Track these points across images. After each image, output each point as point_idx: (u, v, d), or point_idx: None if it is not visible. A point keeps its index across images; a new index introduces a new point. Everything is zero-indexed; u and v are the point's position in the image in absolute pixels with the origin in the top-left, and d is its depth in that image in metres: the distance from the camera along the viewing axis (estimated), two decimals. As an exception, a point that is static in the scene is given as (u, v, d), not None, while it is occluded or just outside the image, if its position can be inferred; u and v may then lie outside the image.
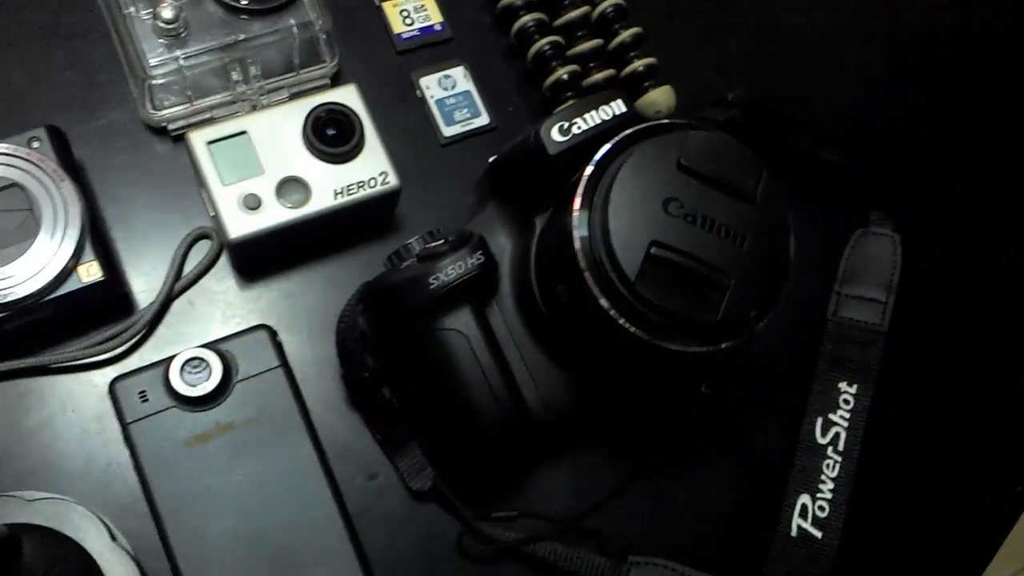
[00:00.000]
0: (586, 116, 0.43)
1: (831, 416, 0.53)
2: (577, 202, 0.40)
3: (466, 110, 0.56)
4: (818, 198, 0.57)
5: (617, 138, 0.40)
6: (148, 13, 0.48)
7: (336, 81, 0.54)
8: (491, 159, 0.50)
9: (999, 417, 0.56)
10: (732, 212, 0.39)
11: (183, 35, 0.49)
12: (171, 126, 0.51)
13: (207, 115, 0.51)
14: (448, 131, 0.56)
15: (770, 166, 0.41)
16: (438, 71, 0.57)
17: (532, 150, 0.43)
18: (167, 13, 0.47)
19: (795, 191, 0.43)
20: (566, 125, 0.43)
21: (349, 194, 0.49)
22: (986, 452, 0.56)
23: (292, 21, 0.50)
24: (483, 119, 0.56)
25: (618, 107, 0.43)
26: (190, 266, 0.50)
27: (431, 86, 0.56)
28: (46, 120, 0.48)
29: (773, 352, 0.54)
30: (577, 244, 0.40)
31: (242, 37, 0.49)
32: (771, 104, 0.59)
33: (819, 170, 0.58)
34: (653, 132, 0.41)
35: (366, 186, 0.49)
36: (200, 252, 0.50)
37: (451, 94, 0.56)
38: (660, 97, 0.56)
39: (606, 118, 0.43)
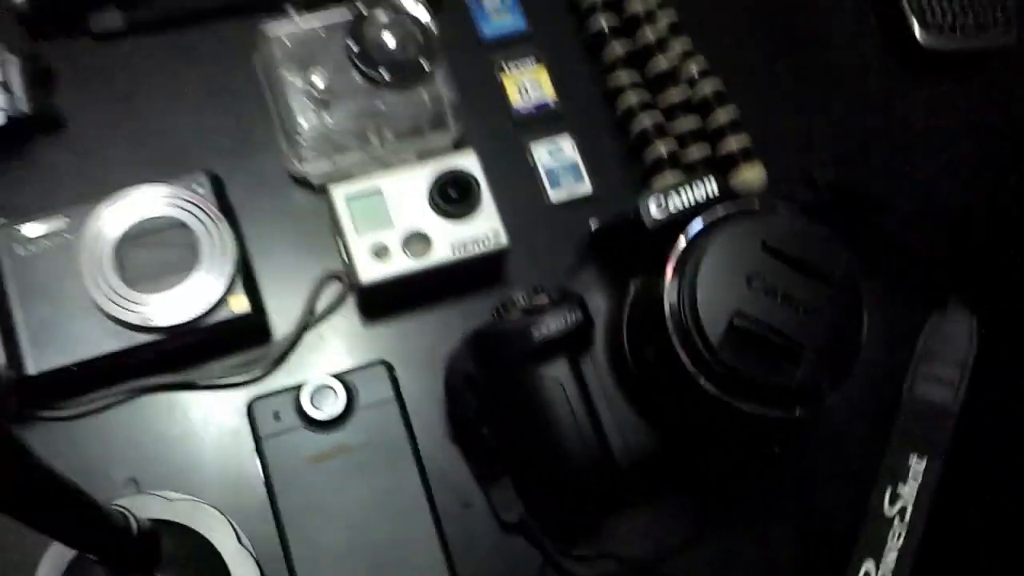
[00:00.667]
0: (682, 194, 0.48)
1: (900, 487, 0.56)
2: (669, 272, 0.45)
3: (571, 177, 0.62)
4: (898, 277, 0.61)
5: (709, 217, 0.45)
6: (302, 79, 0.56)
7: (458, 145, 0.61)
8: (592, 225, 0.56)
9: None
10: (810, 291, 0.44)
11: (330, 101, 0.56)
12: (313, 178, 0.58)
13: (344, 169, 0.58)
14: (554, 196, 0.61)
15: (852, 245, 0.46)
16: (548, 141, 0.63)
17: (631, 221, 0.48)
18: (319, 82, 0.54)
19: (876, 269, 0.47)
20: (663, 201, 0.47)
21: (465, 250, 0.54)
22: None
23: (425, 94, 0.57)
24: (586, 186, 0.62)
25: (711, 186, 0.48)
26: (321, 303, 0.56)
27: (541, 154, 0.62)
28: (206, 166, 0.55)
29: (847, 420, 0.58)
30: (667, 310, 0.45)
31: (381, 106, 0.56)
32: (856, 185, 0.63)
33: (900, 251, 0.62)
34: (741, 213, 0.45)
35: (480, 243, 0.55)
36: (330, 292, 0.57)
37: (558, 162, 0.62)
38: (752, 175, 0.61)
39: (700, 197, 0.48)
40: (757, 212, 0.45)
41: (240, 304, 0.52)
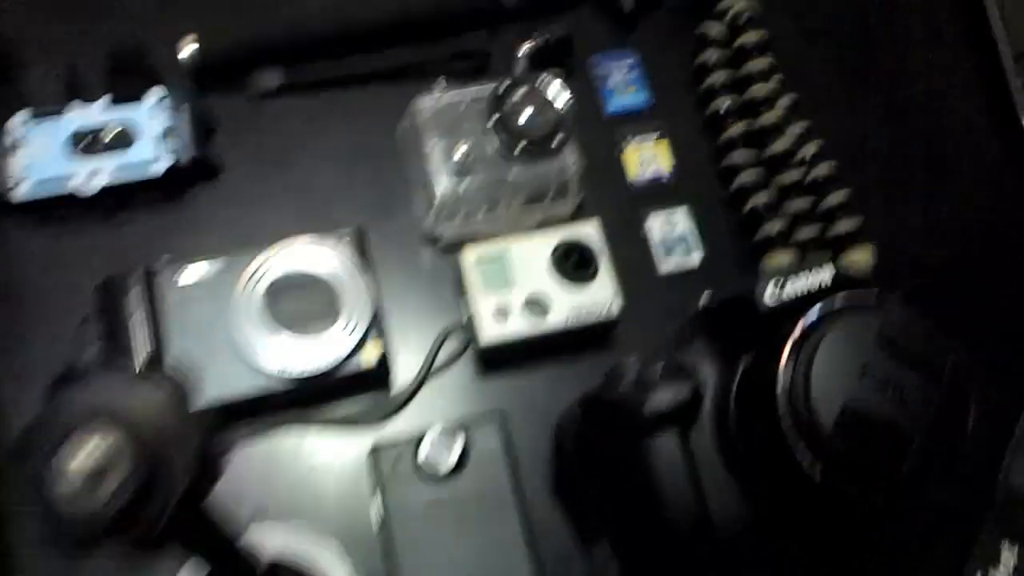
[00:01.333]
0: (798, 280, 0.50)
1: (991, 572, 0.56)
2: (784, 357, 0.47)
3: (682, 248, 0.65)
4: (999, 362, 0.61)
5: (826, 307, 0.47)
6: (444, 148, 0.60)
7: (576, 214, 0.64)
8: (704, 299, 0.58)
9: None
10: (921, 385, 0.45)
11: (468, 169, 0.60)
12: (442, 239, 0.62)
13: (473, 231, 0.62)
14: (665, 266, 0.64)
15: (955, 328, 0.47)
16: (663, 211, 0.65)
17: (746, 302, 0.51)
18: (461, 153, 0.59)
19: (977, 353, 0.48)
20: (779, 287, 0.50)
21: (581, 316, 0.58)
22: None
23: (554, 166, 0.60)
24: (696, 258, 0.64)
25: (827, 273, 0.50)
26: (441, 355, 0.60)
27: (654, 225, 0.65)
28: (348, 221, 0.60)
29: (940, 502, 0.58)
30: (779, 393, 0.47)
31: (513, 176, 0.60)
32: (963, 269, 0.64)
33: (1003, 335, 0.62)
34: (857, 305, 0.47)
35: (595, 311, 0.58)
36: (450, 344, 0.60)
37: (671, 234, 0.65)
38: (860, 257, 0.63)
39: (815, 284, 0.50)
40: (871, 305, 0.47)
41: (371, 357, 0.56)
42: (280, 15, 0.65)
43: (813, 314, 0.48)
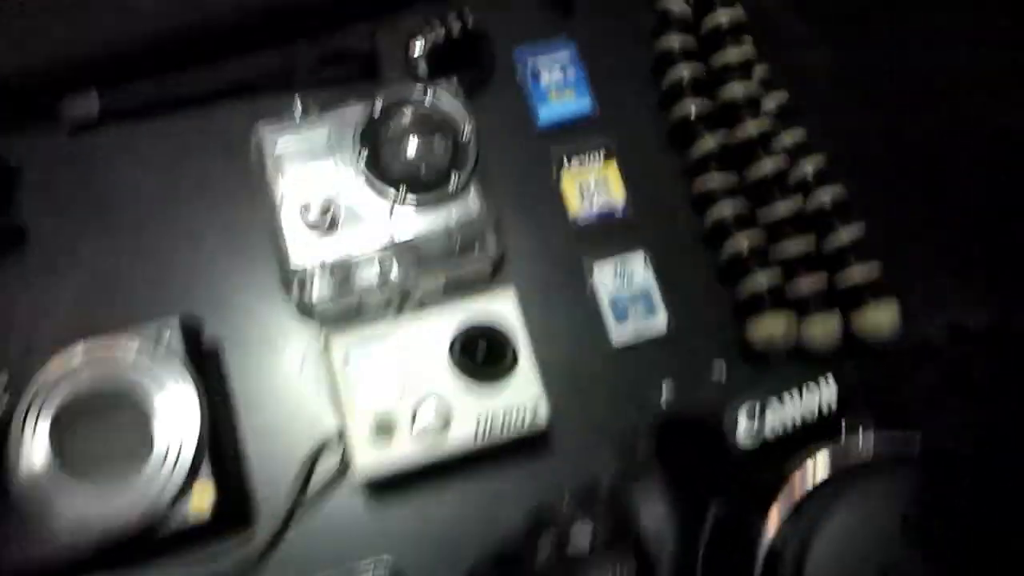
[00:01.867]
0: (787, 410, 0.34)
1: None
2: (774, 517, 0.32)
3: (641, 307, 0.49)
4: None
5: (838, 459, 0.32)
6: (301, 193, 0.44)
7: (499, 266, 0.48)
8: (663, 392, 0.43)
9: None
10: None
11: (335, 220, 0.44)
12: (314, 312, 0.47)
13: (351, 304, 0.46)
14: (618, 333, 0.48)
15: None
16: (615, 259, 0.49)
17: (714, 431, 0.35)
18: (315, 210, 0.43)
19: None
20: (757, 420, 0.34)
21: (494, 426, 0.42)
22: None
23: (455, 215, 0.44)
24: (660, 322, 0.48)
25: (831, 396, 0.34)
26: (320, 473, 0.45)
27: (605, 277, 0.49)
28: (190, 297, 0.46)
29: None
30: (762, 558, 0.32)
31: (398, 233, 0.44)
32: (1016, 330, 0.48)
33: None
34: (878, 468, 0.31)
35: (513, 416, 0.42)
36: (330, 459, 0.45)
37: (627, 288, 0.49)
38: (883, 317, 0.46)
39: (810, 413, 0.34)
40: (899, 464, 0.31)
41: (202, 503, 0.41)
42: (91, 22, 0.48)
43: (821, 469, 0.32)
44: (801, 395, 0.35)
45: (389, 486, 0.45)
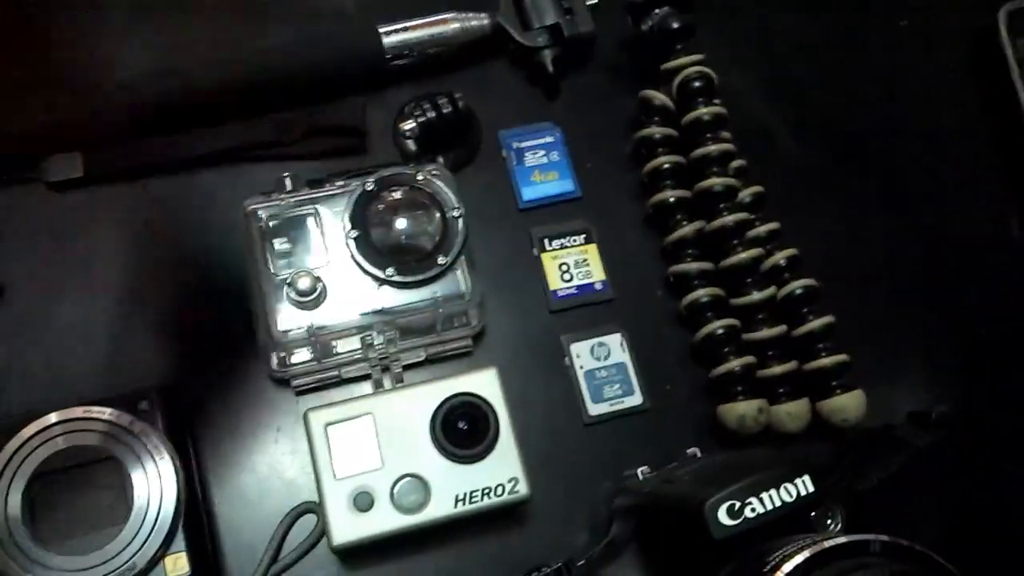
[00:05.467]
0: (764, 496, 0.35)
1: None
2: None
3: (618, 386, 0.50)
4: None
5: (801, 558, 0.32)
6: (286, 268, 0.44)
7: (479, 338, 0.49)
8: (640, 475, 0.44)
9: None
10: None
11: (320, 294, 0.44)
12: (295, 381, 0.47)
13: (334, 372, 0.47)
14: (594, 409, 0.49)
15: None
16: (592, 337, 0.50)
17: (691, 519, 0.36)
18: (302, 284, 0.43)
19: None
20: (738, 505, 0.35)
21: (472, 502, 0.42)
22: None
23: (439, 293, 0.45)
24: (635, 398, 0.49)
25: (803, 486, 0.36)
26: (293, 541, 0.45)
27: (582, 354, 0.50)
28: (165, 363, 0.46)
29: None
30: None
31: (381, 308, 0.44)
32: (984, 425, 0.49)
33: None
34: (848, 552, 0.32)
35: (492, 494, 0.43)
36: (305, 527, 0.45)
37: (603, 365, 0.50)
38: (849, 403, 0.48)
39: (788, 499, 0.35)
40: (867, 553, 0.32)
41: (178, 566, 0.40)
42: (78, 91, 0.49)
43: (793, 556, 0.33)
44: (779, 490, 0.36)
45: (363, 555, 0.45)
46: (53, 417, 0.41)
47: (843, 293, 0.51)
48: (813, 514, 0.37)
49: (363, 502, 0.42)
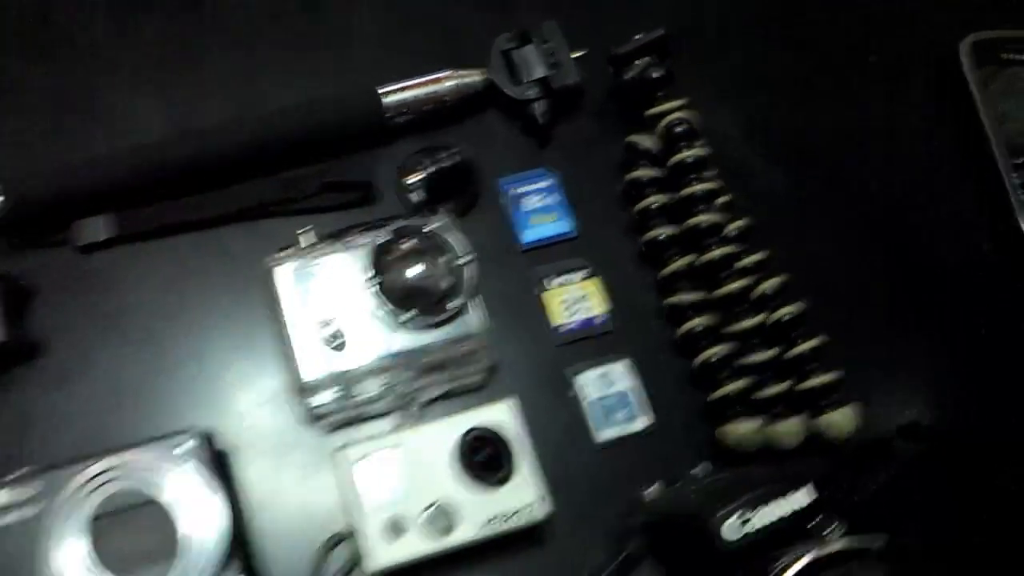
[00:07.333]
0: (766, 509, 0.38)
1: None
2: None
3: (624, 411, 0.53)
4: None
5: (803, 563, 0.36)
6: (311, 317, 0.48)
7: (491, 373, 0.52)
8: (646, 496, 0.47)
9: None
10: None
11: (343, 340, 0.47)
12: (323, 422, 0.50)
13: (360, 411, 0.50)
14: (603, 435, 0.52)
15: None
16: (597, 367, 0.54)
17: (701, 533, 0.39)
18: (325, 331, 0.46)
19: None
20: (743, 518, 0.38)
21: (498, 524, 0.46)
22: None
23: (456, 331, 0.48)
24: (641, 422, 0.53)
25: (803, 498, 0.39)
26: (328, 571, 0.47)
27: (587, 384, 0.53)
28: (201, 407, 0.49)
29: None
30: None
31: (401, 349, 0.48)
32: (965, 432, 0.53)
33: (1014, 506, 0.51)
34: (849, 556, 0.36)
35: (517, 515, 0.46)
36: (339, 557, 0.48)
37: (609, 393, 0.53)
38: (842, 419, 0.51)
39: (789, 511, 0.39)
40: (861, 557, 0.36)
41: (229, 601, 0.43)
42: (106, 151, 0.52)
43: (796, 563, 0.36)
44: (780, 501, 0.39)
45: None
46: (104, 461, 0.44)
47: (834, 312, 0.54)
48: (813, 523, 0.40)
49: (396, 529, 0.45)
